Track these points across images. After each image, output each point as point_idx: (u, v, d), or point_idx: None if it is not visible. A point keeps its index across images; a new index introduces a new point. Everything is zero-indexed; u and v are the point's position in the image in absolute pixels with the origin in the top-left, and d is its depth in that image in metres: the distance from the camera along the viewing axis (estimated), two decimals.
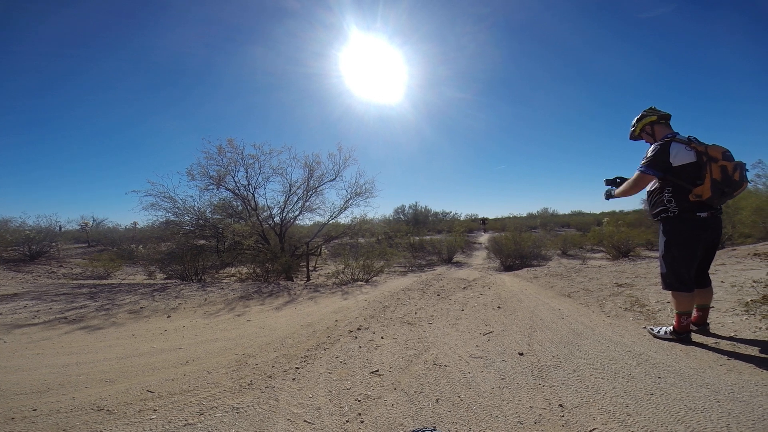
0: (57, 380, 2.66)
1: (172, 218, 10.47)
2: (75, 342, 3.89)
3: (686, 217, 2.69)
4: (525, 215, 40.90)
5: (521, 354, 2.74)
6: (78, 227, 21.46)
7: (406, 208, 31.48)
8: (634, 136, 3.09)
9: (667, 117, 2.88)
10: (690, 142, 2.65)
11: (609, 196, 3.30)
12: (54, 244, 14.06)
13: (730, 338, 2.78)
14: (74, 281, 9.30)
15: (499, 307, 4.40)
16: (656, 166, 2.72)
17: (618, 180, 3.29)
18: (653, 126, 2.91)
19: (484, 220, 30.00)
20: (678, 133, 2.79)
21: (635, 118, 3.02)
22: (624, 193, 3.10)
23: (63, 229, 17.63)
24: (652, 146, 2.77)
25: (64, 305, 5.65)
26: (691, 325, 2.91)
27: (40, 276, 10.46)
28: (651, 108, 2.95)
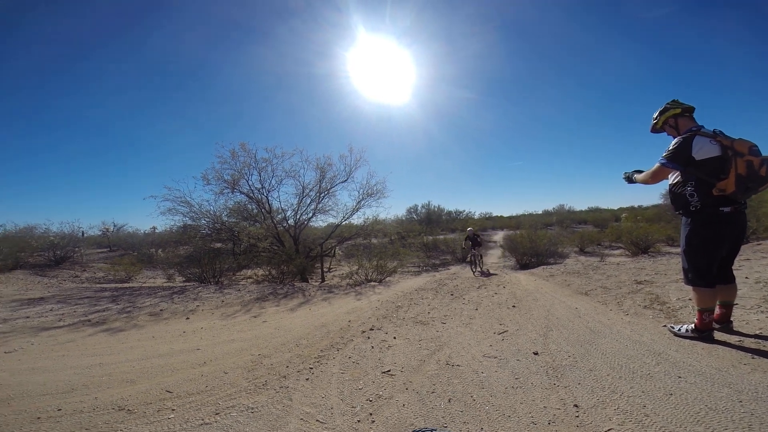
0: (81, 381, 2.74)
1: (190, 222, 10.68)
2: (98, 344, 4.00)
3: (709, 212, 2.62)
4: (540, 212, 40.39)
5: (536, 353, 2.71)
6: (99, 233, 22.10)
7: (419, 208, 31.46)
8: (656, 129, 2.99)
9: (691, 110, 2.81)
10: (715, 136, 2.58)
11: (630, 179, 3.20)
12: (77, 249, 14.48)
13: (755, 336, 2.69)
14: (97, 285, 9.58)
15: (513, 306, 4.36)
16: (677, 159, 2.65)
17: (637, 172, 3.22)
18: (677, 119, 2.82)
19: (475, 239, 11.39)
20: (702, 126, 2.71)
21: (657, 111, 2.93)
22: (644, 181, 3.03)
23: (85, 235, 18.17)
24: (675, 139, 2.70)
25: (87, 308, 5.82)
26: (714, 323, 2.83)
27: (64, 280, 10.79)
28: (674, 101, 2.87)
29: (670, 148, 2.70)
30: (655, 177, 2.89)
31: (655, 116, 2.96)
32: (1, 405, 2.31)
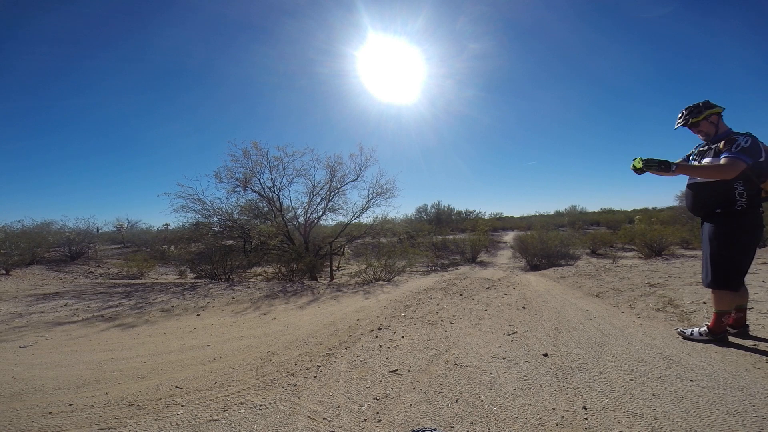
0: (93, 376, 2.79)
1: (202, 220, 10.80)
2: (110, 339, 4.07)
3: (753, 212, 2.62)
4: (552, 213, 39.97)
5: (545, 355, 2.69)
6: (114, 229, 22.42)
7: (429, 208, 31.32)
8: (690, 123, 2.83)
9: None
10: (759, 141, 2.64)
11: (666, 167, 2.64)
12: (92, 245, 14.75)
13: None
14: (110, 281, 9.74)
15: (523, 308, 4.32)
16: (753, 156, 2.56)
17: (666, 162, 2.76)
18: (719, 117, 2.78)
19: None
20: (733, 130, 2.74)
21: (699, 105, 2.80)
22: (700, 172, 2.72)
23: (100, 231, 18.48)
24: (744, 137, 2.60)
25: (101, 304, 5.92)
26: (730, 328, 2.80)
27: (79, 276, 11.01)
28: (709, 101, 2.81)
29: (745, 145, 2.57)
30: (726, 171, 2.59)
31: (694, 110, 2.81)
32: (14, 399, 2.37)
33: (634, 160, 2.77)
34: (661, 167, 2.65)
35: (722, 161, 2.61)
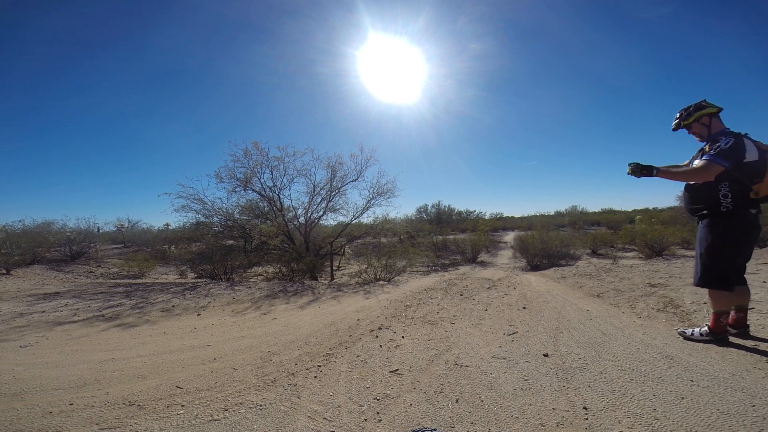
0: (93, 376, 2.79)
1: (202, 219, 10.80)
2: (111, 339, 4.07)
3: (740, 214, 2.60)
4: (552, 213, 39.96)
5: (546, 355, 2.68)
6: (114, 229, 22.42)
7: (429, 207, 31.35)
8: (682, 126, 2.89)
9: (720, 110, 2.77)
10: (753, 141, 2.62)
11: (647, 171, 2.77)
12: (92, 245, 14.76)
13: None
14: (111, 281, 9.75)
15: (524, 308, 4.32)
16: (731, 158, 2.56)
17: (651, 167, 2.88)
18: (711, 118, 2.76)
19: None
20: (730, 129, 2.71)
21: (690, 107, 2.83)
22: (677, 176, 2.80)
23: (101, 231, 18.49)
24: (725, 139, 2.61)
25: (101, 303, 5.93)
26: (731, 328, 2.80)
27: (80, 275, 11.02)
28: (705, 101, 2.81)
29: (723, 146, 2.59)
30: (702, 174, 2.65)
31: (685, 113, 2.85)
32: (14, 399, 2.37)
33: (628, 164, 2.88)
34: (643, 172, 2.78)
35: (700, 164, 2.67)
